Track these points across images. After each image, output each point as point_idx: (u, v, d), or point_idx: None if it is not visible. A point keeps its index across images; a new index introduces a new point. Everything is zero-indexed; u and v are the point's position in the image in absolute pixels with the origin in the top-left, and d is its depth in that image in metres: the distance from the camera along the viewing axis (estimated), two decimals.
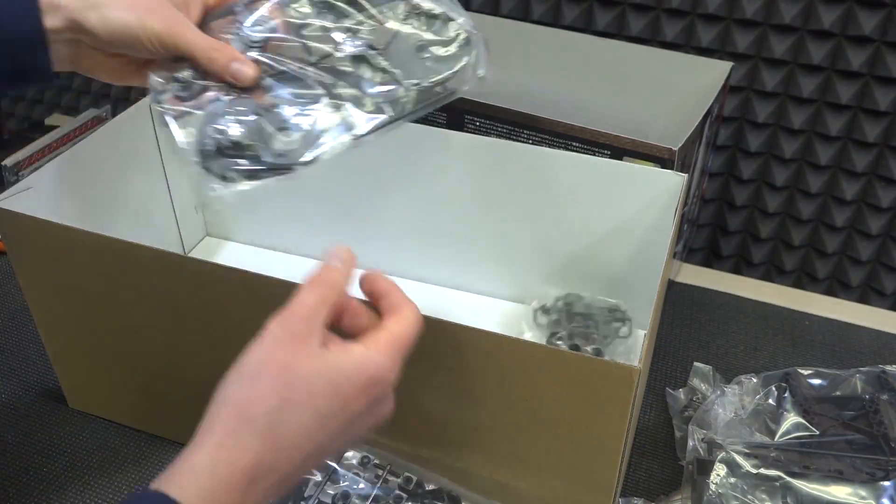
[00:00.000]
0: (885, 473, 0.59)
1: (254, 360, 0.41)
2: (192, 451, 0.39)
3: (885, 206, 0.93)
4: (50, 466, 0.67)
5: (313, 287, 0.44)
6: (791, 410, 0.65)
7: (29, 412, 0.72)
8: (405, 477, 0.58)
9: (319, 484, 0.57)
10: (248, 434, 0.39)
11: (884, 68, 0.87)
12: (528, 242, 0.77)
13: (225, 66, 0.52)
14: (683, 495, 0.62)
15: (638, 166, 0.69)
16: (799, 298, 0.89)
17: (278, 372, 0.40)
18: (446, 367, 0.54)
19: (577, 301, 0.76)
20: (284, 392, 0.40)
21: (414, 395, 0.56)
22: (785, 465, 0.60)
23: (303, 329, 0.42)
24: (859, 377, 0.68)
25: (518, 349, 0.51)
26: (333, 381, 0.41)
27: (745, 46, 0.92)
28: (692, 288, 0.89)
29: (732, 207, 1.02)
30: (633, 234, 0.73)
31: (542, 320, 0.77)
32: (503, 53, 0.97)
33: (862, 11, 0.85)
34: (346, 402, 0.42)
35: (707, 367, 0.75)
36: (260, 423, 0.39)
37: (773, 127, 0.95)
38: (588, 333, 0.74)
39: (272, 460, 0.40)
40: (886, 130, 0.90)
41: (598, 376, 0.49)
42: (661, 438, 0.71)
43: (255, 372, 0.41)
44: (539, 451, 0.56)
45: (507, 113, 0.74)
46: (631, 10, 0.95)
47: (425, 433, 0.59)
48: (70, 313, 0.64)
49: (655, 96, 0.88)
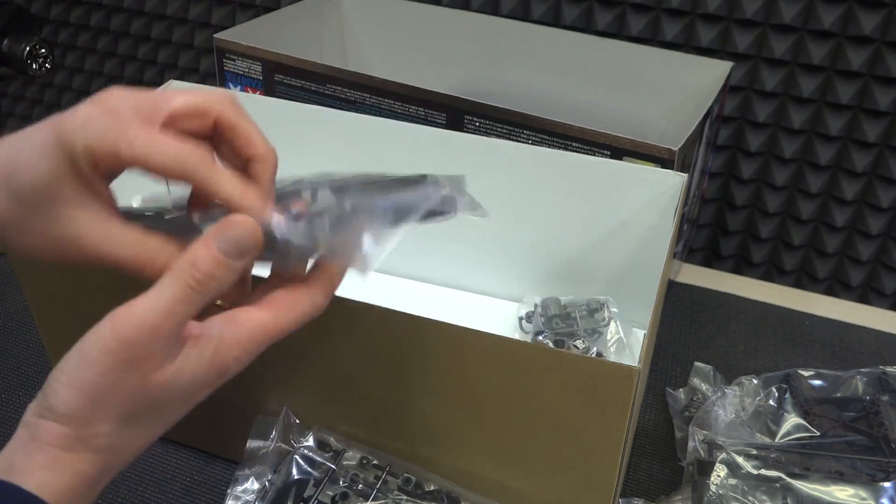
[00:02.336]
0: (885, 475, 0.59)
1: (92, 380, 0.37)
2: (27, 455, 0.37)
3: (885, 206, 0.93)
4: None
5: (176, 280, 0.38)
6: (791, 411, 0.65)
7: None
8: (404, 477, 0.58)
9: (319, 484, 0.57)
10: (89, 450, 0.38)
11: (884, 68, 0.87)
12: (527, 242, 0.77)
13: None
14: (683, 496, 0.62)
15: (638, 166, 0.69)
16: (799, 298, 0.89)
17: (122, 400, 0.38)
18: (446, 368, 0.54)
19: (554, 304, 0.77)
20: (130, 416, 0.38)
21: (413, 395, 0.56)
22: (785, 466, 0.60)
23: (146, 350, 0.37)
24: (860, 378, 0.68)
25: (518, 349, 0.51)
26: (183, 393, 0.39)
27: (745, 46, 0.92)
28: (692, 288, 0.89)
29: (732, 207, 1.02)
30: (633, 234, 0.73)
31: (526, 328, 0.77)
32: (503, 53, 0.97)
33: (862, 11, 0.85)
34: (192, 399, 0.40)
35: (708, 367, 0.75)
36: (102, 442, 0.38)
37: (773, 127, 0.95)
38: (572, 332, 0.74)
39: (114, 462, 0.39)
40: (886, 130, 0.90)
41: (598, 376, 0.49)
42: (662, 439, 0.71)
43: (95, 397, 0.37)
44: (539, 452, 0.56)
45: (507, 113, 0.74)
46: (631, 10, 0.95)
47: (425, 433, 0.59)
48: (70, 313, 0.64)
49: (655, 96, 0.88)
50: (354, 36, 1.04)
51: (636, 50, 0.90)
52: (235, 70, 0.85)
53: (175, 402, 0.40)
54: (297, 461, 0.59)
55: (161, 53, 1.26)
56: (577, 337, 0.73)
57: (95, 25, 1.28)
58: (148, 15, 1.24)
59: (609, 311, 0.76)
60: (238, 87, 0.86)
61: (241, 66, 0.85)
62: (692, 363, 0.76)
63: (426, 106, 0.77)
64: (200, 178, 0.39)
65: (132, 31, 1.26)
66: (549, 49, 0.92)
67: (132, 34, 1.26)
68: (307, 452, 0.59)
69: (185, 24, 1.22)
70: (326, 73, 0.80)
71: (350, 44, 1.04)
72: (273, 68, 0.83)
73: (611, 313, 0.76)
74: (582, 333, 0.74)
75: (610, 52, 0.90)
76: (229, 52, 0.85)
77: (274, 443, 0.60)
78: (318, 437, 0.60)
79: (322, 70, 0.80)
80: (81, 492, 0.38)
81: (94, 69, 1.32)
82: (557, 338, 0.73)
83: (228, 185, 0.40)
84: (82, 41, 1.31)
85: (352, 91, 0.80)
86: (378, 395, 0.58)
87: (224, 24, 1.17)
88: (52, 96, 1.37)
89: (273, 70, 0.83)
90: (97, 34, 1.30)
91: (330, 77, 0.80)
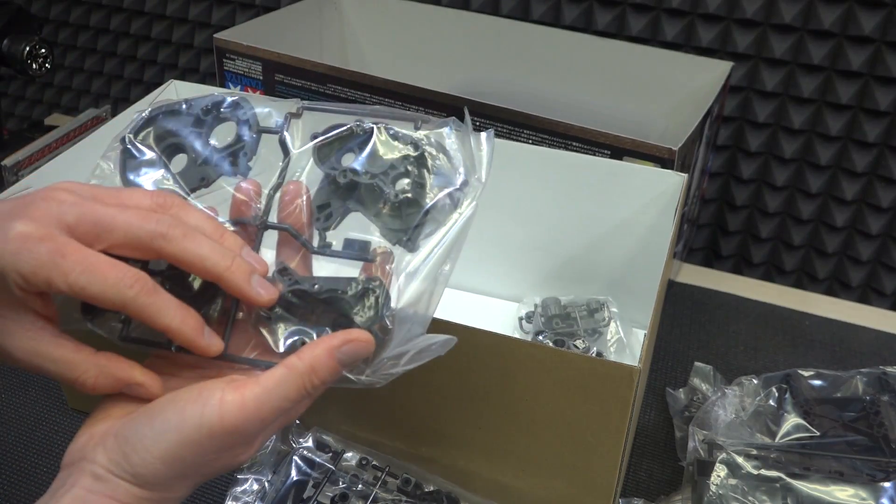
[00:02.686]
0: (885, 475, 0.59)
1: (187, 458, 0.38)
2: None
3: (885, 206, 0.93)
4: (50, 466, 0.66)
5: (293, 380, 0.39)
6: (791, 412, 0.65)
7: (29, 412, 0.72)
8: (404, 478, 0.58)
9: (319, 485, 0.57)
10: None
11: (884, 68, 0.87)
12: (528, 242, 0.77)
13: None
14: (684, 496, 0.62)
15: (638, 166, 0.69)
16: (799, 298, 0.89)
17: (208, 473, 0.40)
18: (446, 367, 0.53)
19: (554, 304, 0.77)
20: (204, 480, 0.40)
21: (413, 394, 0.56)
22: (785, 467, 0.60)
23: (246, 438, 0.39)
24: (860, 378, 0.68)
25: (518, 349, 0.51)
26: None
27: (745, 46, 0.92)
28: (692, 288, 0.89)
29: (732, 207, 1.02)
30: (633, 234, 0.73)
31: (526, 328, 0.77)
32: (503, 53, 0.97)
33: (862, 11, 0.85)
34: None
35: (708, 367, 0.75)
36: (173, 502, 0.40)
37: (773, 127, 0.95)
38: (572, 332, 0.74)
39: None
40: (887, 130, 0.90)
41: (598, 376, 0.49)
42: (662, 439, 0.71)
43: (186, 471, 0.39)
44: (539, 451, 0.56)
45: (507, 113, 0.74)
46: (631, 10, 0.95)
47: (425, 433, 0.58)
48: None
49: (655, 96, 0.88)
50: (354, 36, 1.04)
51: (636, 50, 0.90)
52: (235, 70, 0.85)
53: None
54: (296, 462, 0.59)
55: (161, 53, 1.26)
56: (577, 337, 0.73)
57: (95, 25, 1.28)
58: (148, 15, 1.24)
59: (609, 311, 0.76)
60: (238, 86, 0.86)
61: (241, 65, 0.85)
62: (692, 363, 0.76)
63: (426, 106, 0.77)
64: (140, 308, 0.39)
65: (132, 31, 1.26)
66: (549, 49, 0.92)
67: (132, 34, 1.26)
68: (306, 453, 0.59)
69: (184, 24, 1.22)
70: (326, 73, 0.80)
71: (350, 44, 1.04)
72: (273, 68, 0.83)
73: (611, 313, 0.76)
74: (582, 333, 0.74)
75: (610, 52, 0.90)
76: (229, 52, 0.85)
77: (273, 443, 0.60)
78: (318, 437, 0.61)
79: (322, 70, 0.80)
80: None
81: (94, 69, 1.32)
82: (557, 338, 0.73)
83: (169, 314, 0.39)
84: (82, 41, 1.31)
85: (352, 91, 0.80)
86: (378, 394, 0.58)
87: (224, 24, 1.17)
88: (51, 96, 1.37)
89: (273, 70, 0.83)
90: (97, 34, 1.30)
91: (330, 77, 0.80)
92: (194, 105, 0.48)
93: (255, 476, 0.59)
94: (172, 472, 0.38)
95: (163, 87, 0.75)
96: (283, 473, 0.58)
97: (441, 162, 0.45)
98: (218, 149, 0.47)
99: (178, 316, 0.40)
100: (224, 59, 0.85)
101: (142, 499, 0.38)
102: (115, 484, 0.38)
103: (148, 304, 0.39)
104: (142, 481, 0.38)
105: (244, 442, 0.39)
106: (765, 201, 0.99)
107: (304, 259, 0.45)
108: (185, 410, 0.37)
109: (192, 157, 0.47)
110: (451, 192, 0.44)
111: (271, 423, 0.39)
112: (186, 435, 0.37)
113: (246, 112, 0.47)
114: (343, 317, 0.42)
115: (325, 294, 0.42)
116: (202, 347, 0.41)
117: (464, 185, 0.44)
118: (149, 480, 0.38)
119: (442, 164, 0.45)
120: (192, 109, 0.48)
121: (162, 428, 0.38)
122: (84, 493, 0.38)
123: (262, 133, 0.47)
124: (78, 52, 1.33)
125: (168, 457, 0.37)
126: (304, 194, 0.45)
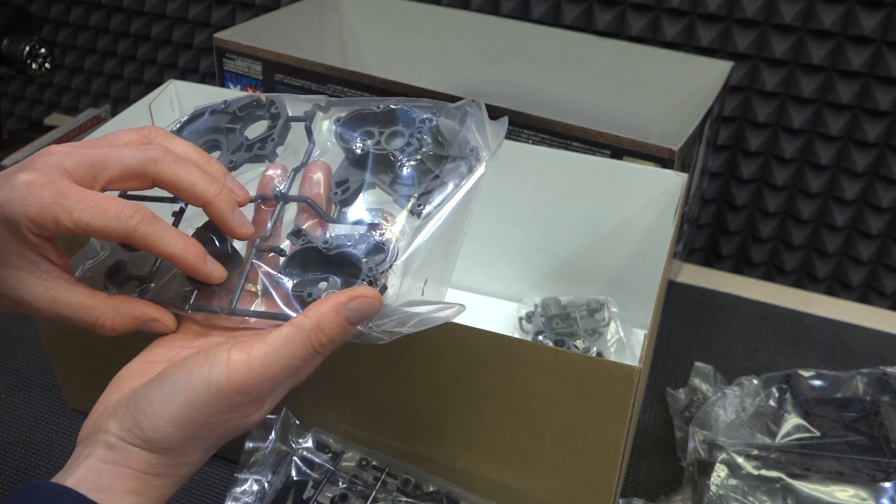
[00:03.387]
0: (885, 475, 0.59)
1: (198, 420, 0.39)
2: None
3: (885, 206, 0.93)
4: (50, 466, 0.66)
5: (300, 338, 0.40)
6: (792, 412, 0.65)
7: (29, 412, 0.72)
8: (403, 479, 0.58)
9: (318, 486, 0.57)
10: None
11: (884, 68, 0.86)
12: (528, 242, 0.77)
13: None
14: (684, 496, 0.62)
15: (638, 166, 0.69)
16: (799, 298, 0.89)
17: (220, 434, 0.41)
18: (446, 367, 0.53)
19: (554, 304, 0.77)
20: (217, 444, 0.42)
21: (413, 394, 0.56)
22: (786, 467, 0.60)
23: (255, 397, 0.40)
24: (860, 379, 0.68)
25: (518, 349, 0.51)
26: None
27: (745, 46, 0.91)
28: (692, 288, 0.89)
29: (732, 207, 1.02)
30: (633, 234, 0.73)
31: (526, 328, 0.77)
32: (503, 53, 0.97)
33: (862, 11, 0.85)
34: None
35: (708, 367, 0.75)
36: (187, 469, 0.41)
37: (773, 127, 0.95)
38: (572, 332, 0.74)
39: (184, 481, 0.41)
40: (887, 130, 0.90)
41: (598, 376, 0.49)
42: (662, 439, 0.71)
43: (197, 433, 0.40)
44: (539, 451, 0.55)
45: (508, 113, 0.74)
46: (631, 10, 0.95)
47: (425, 433, 0.58)
48: None
49: (655, 96, 0.88)
50: (354, 36, 1.04)
51: (636, 50, 0.90)
52: (235, 70, 0.85)
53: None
54: (295, 462, 0.59)
55: (161, 53, 1.26)
56: (577, 337, 0.73)
57: (95, 25, 1.28)
58: (147, 15, 1.24)
59: (609, 311, 0.76)
60: (238, 86, 0.86)
61: (241, 65, 0.85)
62: (692, 363, 0.76)
63: None
64: (142, 237, 0.41)
65: (132, 31, 1.26)
66: (549, 49, 0.92)
67: (132, 34, 1.26)
68: (306, 453, 0.59)
69: (184, 23, 1.22)
70: (326, 73, 0.80)
71: (350, 44, 1.04)
72: (273, 68, 0.83)
73: (611, 313, 0.76)
74: (582, 333, 0.74)
75: (610, 52, 0.90)
76: (229, 52, 0.85)
77: (273, 444, 0.60)
78: (317, 437, 0.60)
79: (322, 70, 0.80)
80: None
81: (94, 69, 1.32)
82: (557, 338, 0.73)
83: (171, 241, 0.41)
84: (82, 41, 1.31)
85: (352, 91, 0.79)
86: (378, 394, 0.58)
87: (224, 23, 1.17)
88: (51, 96, 1.37)
89: (273, 70, 0.83)
90: (97, 34, 1.30)
91: (330, 77, 0.80)
92: (232, 104, 0.52)
93: (255, 476, 0.59)
94: (183, 434, 0.38)
95: (162, 87, 0.75)
96: (282, 474, 0.58)
97: (453, 134, 0.47)
98: (250, 139, 0.50)
99: (181, 243, 0.41)
100: (224, 58, 0.85)
101: (155, 465, 0.39)
102: (128, 451, 0.38)
103: (150, 233, 0.41)
104: (154, 446, 0.38)
105: (253, 401, 0.39)
106: (765, 201, 0.99)
107: (320, 229, 0.46)
108: (193, 372, 0.38)
109: (226, 147, 0.50)
110: (462, 159, 0.46)
111: (280, 381, 0.39)
112: (195, 396, 0.38)
113: (278, 106, 0.51)
114: (352, 269, 0.43)
115: (335, 250, 0.43)
116: (205, 273, 0.42)
117: (473, 153, 0.46)
118: (161, 445, 0.38)
119: (454, 135, 0.47)
120: (229, 108, 0.51)
121: (170, 390, 0.38)
122: (98, 462, 0.38)
123: (290, 122, 0.50)
124: (77, 52, 1.32)
125: (178, 419, 0.38)
126: (323, 171, 0.47)
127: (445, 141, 0.47)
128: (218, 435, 0.40)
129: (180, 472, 0.40)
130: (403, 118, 0.48)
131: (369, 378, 0.57)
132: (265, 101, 0.51)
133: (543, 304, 0.77)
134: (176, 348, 0.43)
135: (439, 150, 0.46)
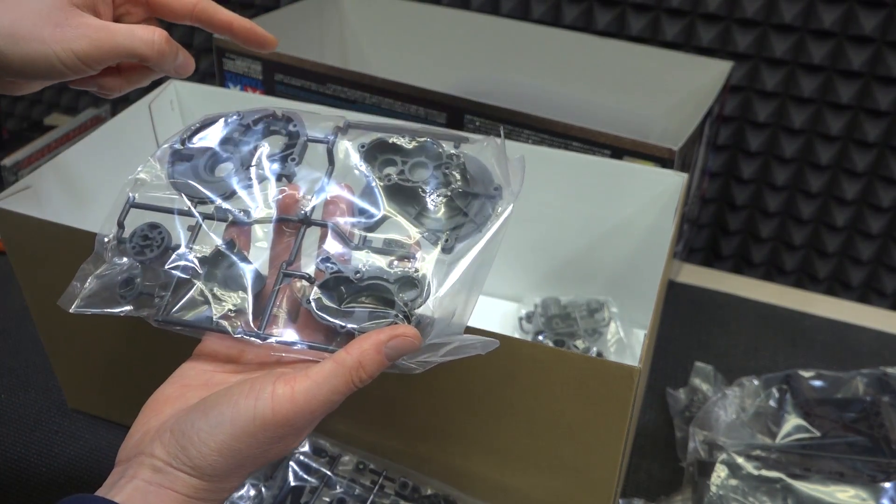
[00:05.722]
0: (885, 475, 0.59)
1: (243, 450, 0.40)
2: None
3: (885, 206, 0.93)
4: (50, 466, 0.66)
5: (342, 375, 0.41)
6: (792, 412, 0.65)
7: (29, 412, 0.72)
8: (401, 482, 0.58)
9: (316, 490, 0.57)
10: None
11: (884, 68, 0.86)
12: (527, 242, 0.77)
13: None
14: (684, 496, 0.62)
15: (638, 166, 0.69)
16: (799, 298, 0.89)
17: (261, 463, 0.42)
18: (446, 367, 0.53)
19: (554, 304, 0.77)
20: (257, 469, 0.42)
21: (413, 394, 0.56)
22: (786, 467, 0.60)
23: (297, 429, 0.41)
24: (860, 379, 0.68)
25: (518, 349, 0.51)
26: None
27: (745, 46, 0.91)
28: (692, 288, 0.89)
29: (732, 207, 1.02)
30: (633, 234, 0.73)
31: (526, 328, 0.77)
32: (503, 53, 0.97)
33: (862, 11, 0.85)
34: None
35: (708, 368, 0.75)
36: (227, 493, 0.42)
37: (773, 127, 0.95)
38: (572, 332, 0.74)
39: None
40: (887, 130, 0.90)
41: (598, 376, 0.49)
42: (662, 439, 0.71)
43: (242, 462, 0.41)
44: (539, 451, 0.55)
45: (507, 113, 0.74)
46: (631, 10, 0.95)
47: (424, 432, 0.58)
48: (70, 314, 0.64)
49: (655, 96, 0.88)
50: (354, 36, 1.04)
51: (636, 50, 0.90)
52: (235, 70, 0.85)
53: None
54: (292, 467, 0.58)
55: None
56: (577, 337, 0.73)
57: None
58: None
59: (609, 311, 0.76)
60: (238, 86, 0.86)
61: (241, 65, 0.85)
62: (692, 363, 0.76)
63: (426, 105, 0.77)
64: (201, 10, 0.51)
65: None
66: (549, 49, 0.92)
67: None
68: (303, 458, 0.59)
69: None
70: (326, 73, 0.80)
71: (350, 44, 1.04)
72: (273, 68, 0.83)
73: (611, 313, 0.76)
74: (582, 333, 0.74)
75: (610, 52, 0.90)
76: (229, 52, 0.85)
77: None
78: (314, 442, 0.60)
79: (322, 70, 0.80)
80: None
81: None
82: (557, 338, 0.73)
83: (223, 11, 0.51)
84: None
85: (352, 91, 0.80)
86: (377, 394, 0.58)
87: None
88: (51, 96, 1.37)
89: (273, 70, 0.83)
90: None
91: (330, 77, 0.80)
92: (246, 116, 0.51)
93: (252, 482, 0.58)
94: (229, 463, 0.39)
95: (162, 87, 0.75)
96: (279, 479, 0.58)
97: (479, 171, 0.47)
98: (268, 155, 0.50)
99: (237, 16, 0.51)
100: (224, 58, 0.85)
101: (199, 489, 0.40)
102: (175, 476, 0.39)
103: (206, 7, 0.52)
104: (200, 472, 0.39)
105: (294, 433, 0.41)
106: (765, 201, 0.99)
107: (343, 255, 0.47)
108: (239, 404, 0.39)
109: (238, 160, 0.50)
110: (488, 197, 0.46)
111: (320, 414, 0.41)
112: (241, 427, 0.39)
113: (296, 124, 0.51)
114: (384, 302, 0.43)
115: (367, 280, 0.43)
116: (260, 35, 0.52)
117: (498, 191, 0.47)
118: (207, 472, 0.39)
119: (480, 173, 0.47)
120: (244, 120, 0.51)
121: (217, 421, 0.39)
122: (144, 484, 0.39)
123: (309, 143, 0.50)
124: None
125: (224, 448, 0.39)
126: (347, 196, 0.48)
127: (472, 179, 0.47)
128: (259, 463, 0.41)
129: (221, 497, 0.41)
130: (429, 150, 0.48)
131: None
132: (280, 116, 0.51)
133: (543, 304, 0.77)
134: (208, 373, 0.44)
135: (466, 187, 0.47)
